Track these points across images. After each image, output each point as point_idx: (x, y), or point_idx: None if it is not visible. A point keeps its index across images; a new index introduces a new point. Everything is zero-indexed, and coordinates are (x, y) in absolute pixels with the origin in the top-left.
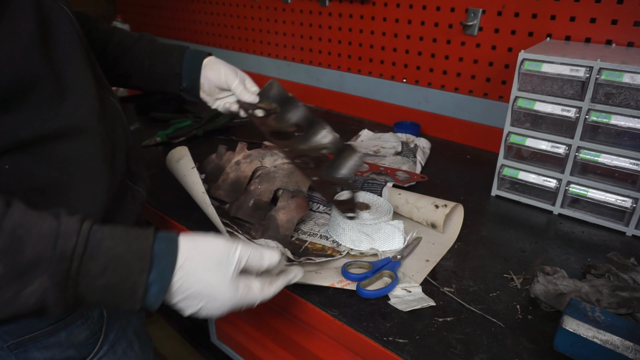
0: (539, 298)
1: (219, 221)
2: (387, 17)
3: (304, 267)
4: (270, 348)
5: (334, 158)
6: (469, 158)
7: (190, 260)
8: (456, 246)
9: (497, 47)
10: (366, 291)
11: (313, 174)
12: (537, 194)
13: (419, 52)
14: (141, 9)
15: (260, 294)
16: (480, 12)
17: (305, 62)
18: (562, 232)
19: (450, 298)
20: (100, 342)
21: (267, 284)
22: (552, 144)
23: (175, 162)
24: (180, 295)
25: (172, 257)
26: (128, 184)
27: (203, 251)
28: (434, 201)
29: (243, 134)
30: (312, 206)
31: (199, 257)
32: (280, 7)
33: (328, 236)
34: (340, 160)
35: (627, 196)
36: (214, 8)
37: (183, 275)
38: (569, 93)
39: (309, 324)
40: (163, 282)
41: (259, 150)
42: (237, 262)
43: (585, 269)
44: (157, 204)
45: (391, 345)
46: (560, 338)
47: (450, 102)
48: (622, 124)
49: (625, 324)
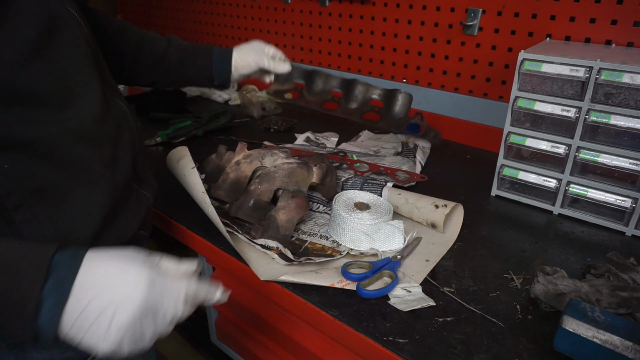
0: (539, 298)
1: (219, 221)
2: (387, 17)
3: (304, 267)
4: (270, 348)
5: (387, 106)
6: (469, 158)
7: (96, 267)
8: (456, 246)
9: (497, 47)
10: (366, 291)
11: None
12: (537, 194)
13: (419, 52)
14: (141, 8)
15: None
16: (480, 12)
17: (305, 62)
18: (562, 232)
19: (450, 298)
20: None
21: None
22: (552, 144)
23: (175, 162)
24: (78, 312)
25: (74, 267)
26: (134, 187)
27: (113, 259)
28: (434, 201)
29: (243, 134)
30: (312, 206)
31: (107, 264)
32: (280, 7)
33: (328, 236)
34: (393, 103)
35: (626, 196)
36: (214, 8)
37: (86, 285)
38: (569, 93)
39: (309, 324)
40: (61, 293)
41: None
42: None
43: (585, 268)
44: (157, 204)
45: (391, 345)
46: (560, 338)
47: (450, 102)
48: (621, 124)
49: (625, 324)
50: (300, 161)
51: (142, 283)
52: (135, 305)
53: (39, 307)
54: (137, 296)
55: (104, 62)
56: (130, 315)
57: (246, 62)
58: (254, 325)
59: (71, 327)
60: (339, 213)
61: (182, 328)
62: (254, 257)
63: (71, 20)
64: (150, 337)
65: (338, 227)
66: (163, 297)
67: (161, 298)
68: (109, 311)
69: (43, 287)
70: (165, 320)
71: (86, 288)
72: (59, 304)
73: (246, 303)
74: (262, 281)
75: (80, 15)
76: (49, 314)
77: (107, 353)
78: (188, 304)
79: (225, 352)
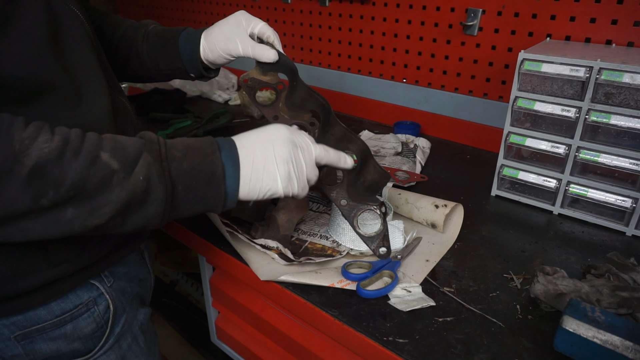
0: (539, 298)
1: (219, 221)
2: (387, 17)
3: (304, 267)
4: (270, 348)
5: (358, 169)
6: (469, 158)
7: (245, 138)
8: (456, 246)
9: (497, 47)
10: (366, 291)
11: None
12: (537, 194)
13: (418, 52)
14: (141, 8)
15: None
16: (480, 12)
17: (305, 62)
18: (562, 232)
19: (450, 298)
20: (106, 336)
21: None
22: (552, 144)
23: None
24: (250, 163)
25: (232, 143)
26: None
27: (254, 131)
28: (434, 201)
29: None
30: (312, 206)
31: (251, 134)
32: (280, 7)
33: (328, 236)
34: (365, 175)
35: (627, 196)
36: (213, 8)
37: (247, 150)
38: (569, 93)
39: (309, 324)
40: (233, 157)
41: None
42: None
43: (585, 269)
44: None
45: (391, 345)
46: (560, 338)
47: (450, 102)
48: (622, 124)
49: (625, 324)
50: None
51: (283, 129)
52: (286, 139)
53: (224, 170)
54: (284, 134)
55: (106, 59)
56: (286, 146)
57: (215, 53)
58: (254, 325)
59: (249, 181)
60: (339, 213)
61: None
62: (254, 257)
63: (75, 18)
64: (307, 172)
65: (338, 227)
66: (301, 138)
67: (300, 137)
68: (270, 152)
69: (220, 155)
70: (311, 156)
71: (247, 150)
72: (235, 166)
73: (246, 303)
74: (262, 281)
75: (83, 14)
76: (231, 177)
77: (284, 189)
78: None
79: (225, 352)
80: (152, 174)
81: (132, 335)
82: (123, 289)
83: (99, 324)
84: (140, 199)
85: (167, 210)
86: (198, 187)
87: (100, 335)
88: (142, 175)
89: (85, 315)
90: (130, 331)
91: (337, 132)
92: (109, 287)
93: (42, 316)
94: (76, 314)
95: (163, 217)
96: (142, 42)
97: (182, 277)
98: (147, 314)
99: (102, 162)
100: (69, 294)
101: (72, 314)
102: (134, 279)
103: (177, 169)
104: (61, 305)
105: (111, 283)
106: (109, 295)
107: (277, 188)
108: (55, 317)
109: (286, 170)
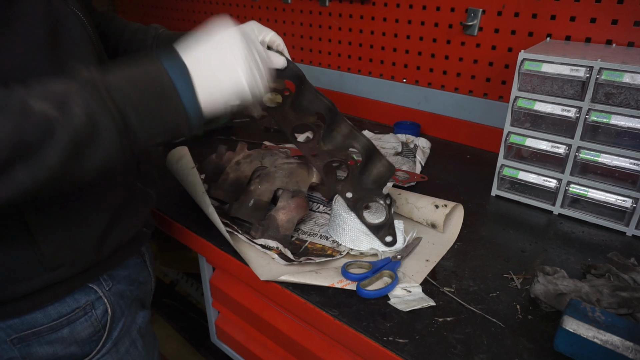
0: (539, 298)
1: (219, 221)
2: (387, 17)
3: (304, 267)
4: (270, 348)
5: (363, 165)
6: (469, 158)
7: (190, 42)
8: (456, 246)
9: (497, 47)
10: (366, 291)
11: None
12: (537, 194)
13: (419, 52)
14: (141, 8)
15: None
16: (480, 12)
17: (305, 62)
18: (562, 232)
19: (450, 298)
20: (104, 340)
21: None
22: (552, 144)
23: (175, 162)
24: (202, 65)
25: (171, 49)
26: (137, 185)
27: (197, 34)
28: (434, 201)
29: (243, 134)
30: (312, 206)
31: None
32: (280, 7)
33: (328, 236)
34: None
35: (627, 196)
36: (213, 8)
37: (192, 51)
38: (569, 93)
39: (309, 324)
40: (178, 64)
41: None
42: None
43: (586, 269)
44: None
45: (391, 345)
46: (560, 338)
47: (450, 102)
48: (622, 124)
49: (625, 324)
50: (301, 161)
51: (232, 26)
52: (240, 35)
53: (170, 78)
54: (236, 32)
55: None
56: (242, 43)
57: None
58: (254, 325)
59: (207, 87)
60: (339, 213)
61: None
62: (254, 257)
63: (76, 20)
64: (262, 67)
65: (338, 227)
66: (251, 33)
67: (251, 31)
68: (226, 50)
69: (162, 64)
70: (262, 54)
71: (192, 51)
72: (183, 71)
73: (246, 303)
74: (262, 281)
75: (86, 16)
76: (183, 85)
77: (250, 88)
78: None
79: (225, 352)
80: (91, 107)
81: (130, 339)
82: (122, 293)
83: (97, 328)
84: (88, 136)
85: (125, 140)
86: (150, 106)
87: (98, 339)
88: (81, 111)
89: (83, 319)
90: (128, 335)
91: (344, 130)
92: (107, 290)
93: (39, 320)
94: (73, 317)
95: (124, 150)
96: (153, 44)
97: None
98: (147, 317)
99: (34, 111)
100: (67, 297)
101: (69, 317)
102: (134, 282)
103: (119, 94)
104: (58, 309)
105: (110, 286)
106: (107, 299)
107: (243, 87)
108: (52, 321)
109: (247, 65)
